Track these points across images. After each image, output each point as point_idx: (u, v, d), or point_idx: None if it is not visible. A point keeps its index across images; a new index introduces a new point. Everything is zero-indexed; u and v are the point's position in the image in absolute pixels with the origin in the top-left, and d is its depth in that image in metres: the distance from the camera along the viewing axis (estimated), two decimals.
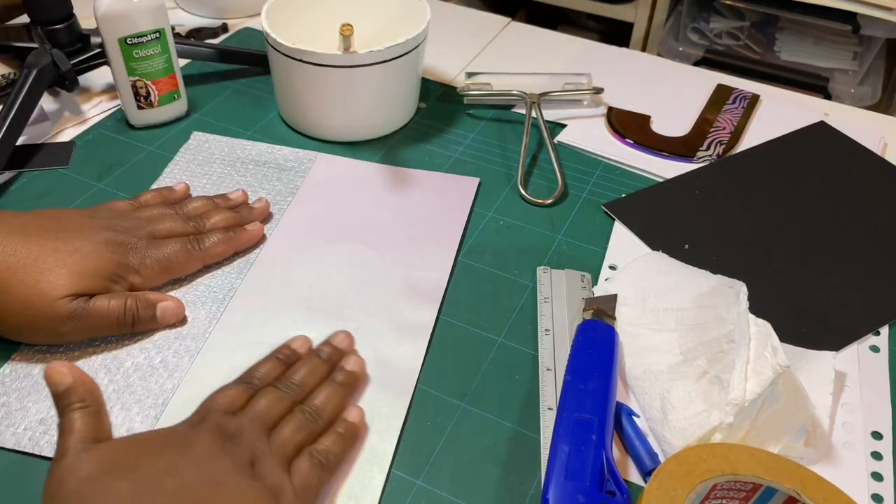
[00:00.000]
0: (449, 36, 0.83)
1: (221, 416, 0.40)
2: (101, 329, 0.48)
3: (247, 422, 0.40)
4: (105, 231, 0.50)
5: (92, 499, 0.35)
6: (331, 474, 0.42)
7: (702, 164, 0.67)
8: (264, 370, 0.45)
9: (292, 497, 0.39)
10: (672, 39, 1.46)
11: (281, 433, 0.41)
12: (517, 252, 0.58)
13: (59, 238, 0.48)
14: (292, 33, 0.63)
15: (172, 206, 0.56)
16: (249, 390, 0.43)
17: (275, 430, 0.41)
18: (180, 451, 0.37)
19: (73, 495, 0.35)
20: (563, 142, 0.69)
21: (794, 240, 0.59)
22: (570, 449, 0.40)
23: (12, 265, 0.46)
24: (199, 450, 0.38)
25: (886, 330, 0.52)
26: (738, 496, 0.39)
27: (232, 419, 0.40)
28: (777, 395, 0.42)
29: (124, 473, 0.36)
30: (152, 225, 0.53)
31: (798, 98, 0.78)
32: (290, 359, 0.47)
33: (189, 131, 0.68)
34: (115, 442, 0.38)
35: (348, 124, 0.67)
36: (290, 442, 0.41)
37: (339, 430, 0.43)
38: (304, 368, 0.46)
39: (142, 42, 0.63)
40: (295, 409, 0.43)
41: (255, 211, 0.58)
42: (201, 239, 0.53)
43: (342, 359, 0.47)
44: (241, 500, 0.36)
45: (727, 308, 0.47)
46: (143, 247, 0.51)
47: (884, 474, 0.44)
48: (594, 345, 0.47)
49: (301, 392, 0.44)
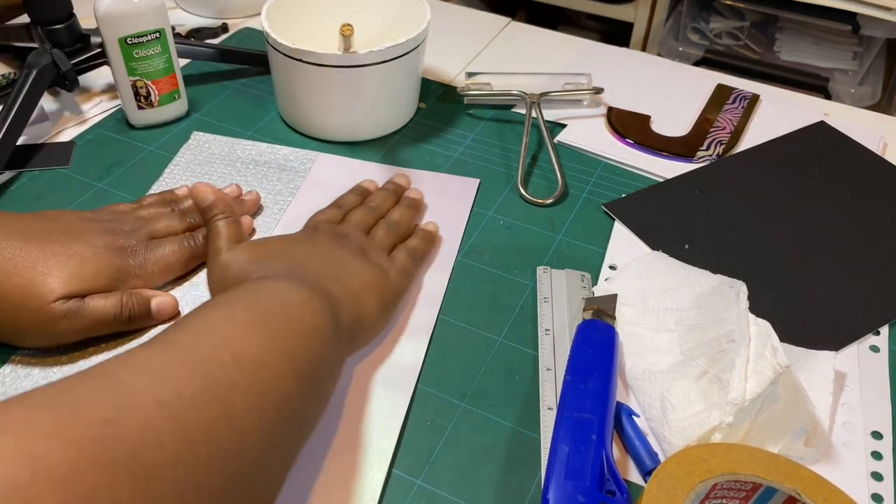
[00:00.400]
0: (449, 36, 0.83)
1: (329, 225, 0.52)
2: (98, 327, 0.48)
3: (349, 228, 0.52)
4: (105, 235, 0.50)
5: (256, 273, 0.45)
6: (420, 264, 0.54)
7: (702, 164, 0.67)
8: (348, 200, 0.57)
9: (395, 274, 0.50)
10: (672, 39, 1.46)
11: (377, 234, 0.53)
12: (517, 252, 0.58)
13: (59, 241, 0.48)
14: (292, 33, 0.63)
15: (170, 204, 0.56)
16: (342, 211, 0.55)
17: (370, 232, 0.53)
18: (311, 244, 0.49)
19: (241, 273, 0.46)
20: (563, 142, 0.69)
21: (793, 240, 0.59)
22: (570, 449, 0.40)
23: (9, 269, 0.45)
24: (322, 243, 0.49)
25: (886, 330, 0.52)
26: (738, 496, 0.39)
27: (337, 227, 0.52)
28: (777, 394, 0.42)
29: (271, 261, 0.46)
30: (150, 225, 0.53)
31: (798, 98, 0.78)
32: (364, 192, 0.59)
33: (189, 131, 0.68)
34: (256, 241, 0.49)
35: (348, 124, 0.67)
36: (385, 240, 0.53)
37: (421, 234, 0.56)
38: (378, 196, 0.58)
39: (142, 42, 0.63)
40: (381, 220, 0.55)
41: (245, 204, 0.59)
42: (196, 235, 0.54)
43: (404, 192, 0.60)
44: (361, 273, 0.47)
45: (727, 308, 0.47)
46: (142, 249, 0.51)
47: (884, 474, 0.44)
48: (594, 345, 0.47)
49: (381, 212, 0.56)
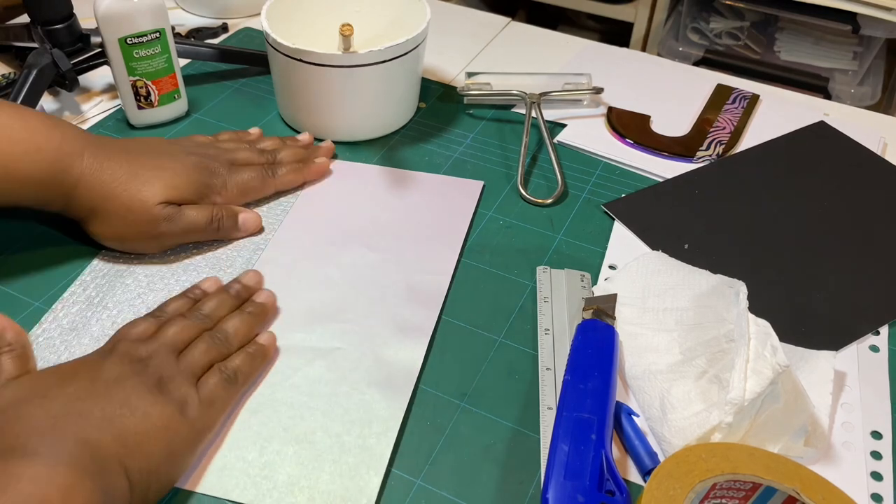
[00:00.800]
0: (449, 36, 0.83)
1: (130, 344, 0.43)
2: (192, 232, 0.55)
3: (156, 346, 0.43)
4: (192, 156, 0.56)
5: (8, 426, 0.37)
6: (238, 389, 0.45)
7: (702, 164, 0.67)
8: (174, 305, 0.48)
9: (198, 408, 0.41)
10: (672, 39, 1.46)
11: (190, 353, 0.44)
12: (517, 252, 0.58)
13: (155, 158, 0.54)
14: (292, 33, 0.63)
15: (247, 142, 0.62)
16: (158, 322, 0.46)
17: (183, 352, 0.44)
18: (90, 377, 0.41)
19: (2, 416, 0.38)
20: (563, 142, 0.69)
21: (793, 240, 0.59)
22: (569, 448, 0.40)
23: (118, 176, 0.52)
24: (108, 374, 0.41)
25: (886, 330, 0.52)
26: (738, 496, 0.39)
27: (141, 345, 0.43)
28: (777, 394, 0.42)
29: (37, 401, 0.38)
30: (231, 154, 0.59)
31: (798, 98, 0.78)
32: (199, 297, 0.50)
33: (189, 131, 0.68)
34: (32, 374, 0.41)
35: (348, 124, 0.67)
36: (199, 361, 0.44)
37: (249, 350, 0.46)
38: (212, 301, 0.49)
39: (142, 42, 0.63)
40: (204, 334, 0.46)
41: (321, 149, 0.64)
42: (275, 168, 0.60)
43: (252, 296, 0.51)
44: (147, 415, 0.39)
45: (727, 308, 0.47)
46: (224, 171, 0.57)
47: (883, 474, 0.44)
48: (594, 344, 0.47)
49: (210, 322, 0.47)
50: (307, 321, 0.51)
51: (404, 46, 0.63)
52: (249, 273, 0.53)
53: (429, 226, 0.59)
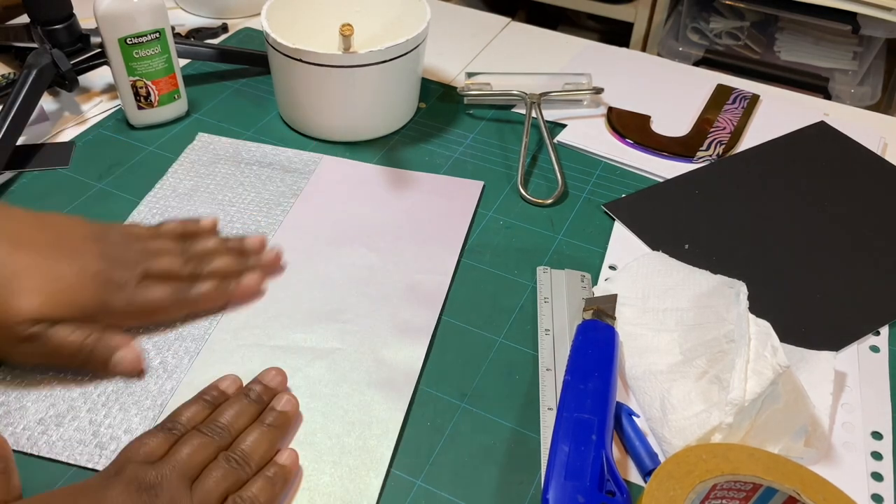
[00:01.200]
0: (449, 36, 0.83)
1: (139, 467, 0.38)
2: (54, 358, 0.46)
3: (167, 471, 0.38)
4: (101, 261, 0.47)
5: None
6: None
7: (702, 164, 0.67)
8: (189, 414, 0.43)
9: None
10: (672, 39, 1.46)
11: (204, 484, 0.39)
12: (517, 252, 0.58)
13: (49, 257, 0.45)
14: (292, 33, 0.63)
15: (184, 241, 0.53)
16: (171, 437, 0.41)
17: (198, 480, 0.39)
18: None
19: None
20: (563, 142, 0.69)
21: (793, 240, 0.59)
22: (570, 449, 0.40)
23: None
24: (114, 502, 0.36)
25: (886, 330, 0.52)
26: (738, 496, 0.39)
27: (150, 469, 0.38)
28: (777, 395, 0.42)
29: None
30: (151, 262, 0.49)
31: (798, 98, 0.78)
32: (217, 400, 0.44)
33: (189, 131, 0.68)
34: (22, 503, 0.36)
35: (348, 124, 0.67)
36: (214, 492, 0.39)
37: (268, 474, 0.41)
38: (230, 410, 0.43)
39: (142, 42, 0.63)
40: (220, 456, 0.40)
41: (262, 262, 0.54)
42: (196, 287, 0.50)
43: (273, 398, 0.45)
44: None
45: (727, 308, 0.47)
46: (131, 286, 0.48)
47: (884, 474, 0.44)
48: (594, 345, 0.47)
49: (227, 436, 0.42)
50: (307, 321, 0.51)
51: (404, 46, 0.63)
52: (271, 371, 0.46)
53: (429, 226, 0.59)
